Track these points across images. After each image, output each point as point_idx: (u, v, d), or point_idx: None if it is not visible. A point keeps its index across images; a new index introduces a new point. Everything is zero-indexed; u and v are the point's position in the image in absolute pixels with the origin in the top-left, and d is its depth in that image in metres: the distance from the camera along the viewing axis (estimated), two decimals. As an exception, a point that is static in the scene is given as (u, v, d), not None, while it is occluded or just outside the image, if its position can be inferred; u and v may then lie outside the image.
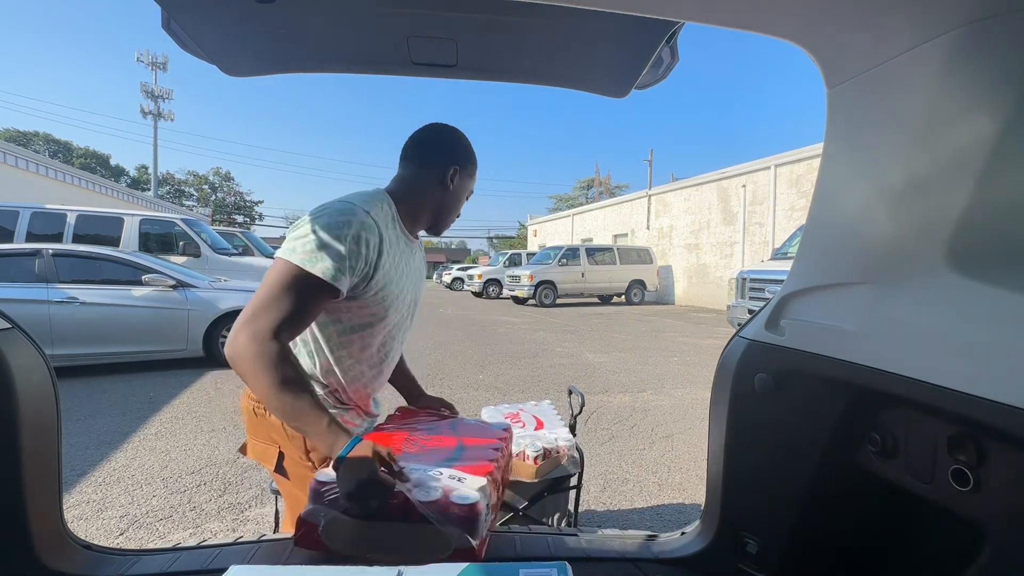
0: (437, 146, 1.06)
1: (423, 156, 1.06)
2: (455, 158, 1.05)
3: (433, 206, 1.08)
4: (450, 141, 1.07)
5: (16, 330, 0.78)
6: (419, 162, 1.05)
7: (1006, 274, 0.60)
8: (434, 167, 1.05)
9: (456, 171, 1.05)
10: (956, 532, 0.66)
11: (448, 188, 1.06)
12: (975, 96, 0.61)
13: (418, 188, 1.05)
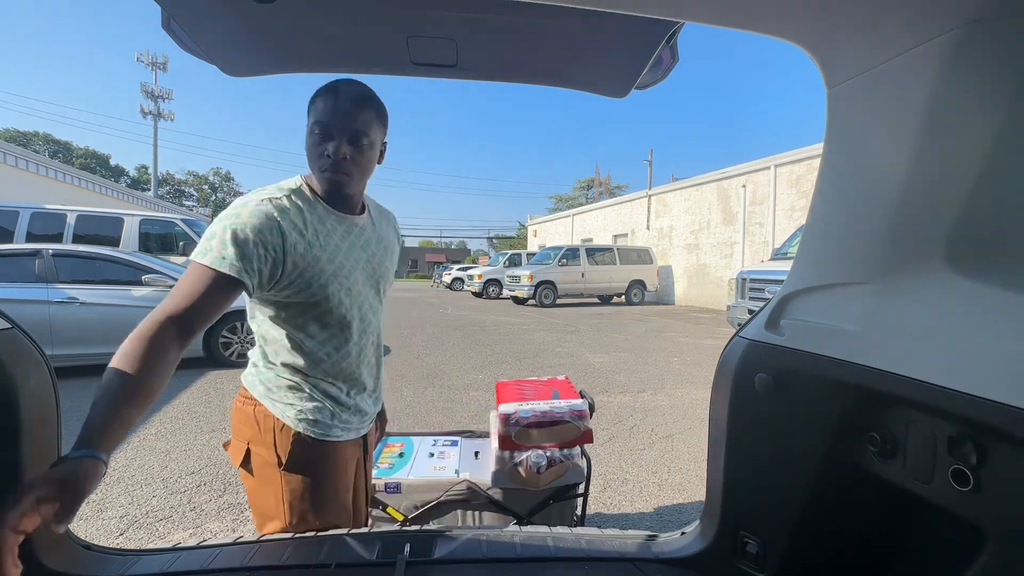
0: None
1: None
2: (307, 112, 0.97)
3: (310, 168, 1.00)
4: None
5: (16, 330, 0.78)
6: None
7: (1006, 274, 0.60)
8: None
9: (308, 114, 0.97)
10: (956, 532, 0.66)
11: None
12: (975, 96, 0.61)
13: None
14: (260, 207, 0.90)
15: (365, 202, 1.10)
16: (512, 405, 1.65)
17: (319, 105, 0.94)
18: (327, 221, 0.99)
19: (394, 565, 0.86)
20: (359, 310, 1.05)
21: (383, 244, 1.12)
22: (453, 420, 3.77)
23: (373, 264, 1.07)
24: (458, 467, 1.70)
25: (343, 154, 0.93)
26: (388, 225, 1.17)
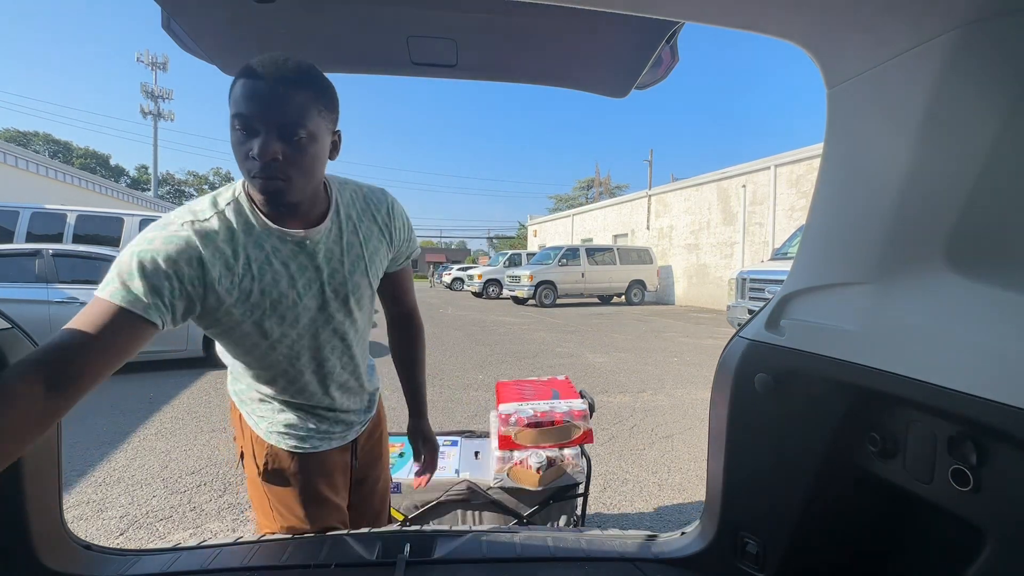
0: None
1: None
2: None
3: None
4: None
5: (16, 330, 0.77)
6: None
7: (1006, 274, 0.60)
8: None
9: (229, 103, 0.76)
10: (956, 532, 0.66)
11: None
12: (975, 96, 0.61)
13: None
14: (178, 233, 0.74)
15: (336, 199, 0.89)
16: (512, 405, 1.65)
17: (237, 91, 0.72)
18: (266, 243, 0.81)
19: (394, 565, 0.86)
20: (313, 340, 0.91)
21: (353, 252, 0.91)
22: (453, 420, 3.77)
23: (336, 282, 0.90)
24: (458, 467, 1.70)
25: (272, 153, 0.72)
26: (368, 222, 0.94)
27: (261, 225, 0.81)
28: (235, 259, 0.79)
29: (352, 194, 0.93)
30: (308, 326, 0.89)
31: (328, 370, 0.96)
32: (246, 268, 0.80)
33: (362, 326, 1.00)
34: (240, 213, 0.81)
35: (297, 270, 0.85)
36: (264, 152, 0.71)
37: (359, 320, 0.98)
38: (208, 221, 0.78)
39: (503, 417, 1.61)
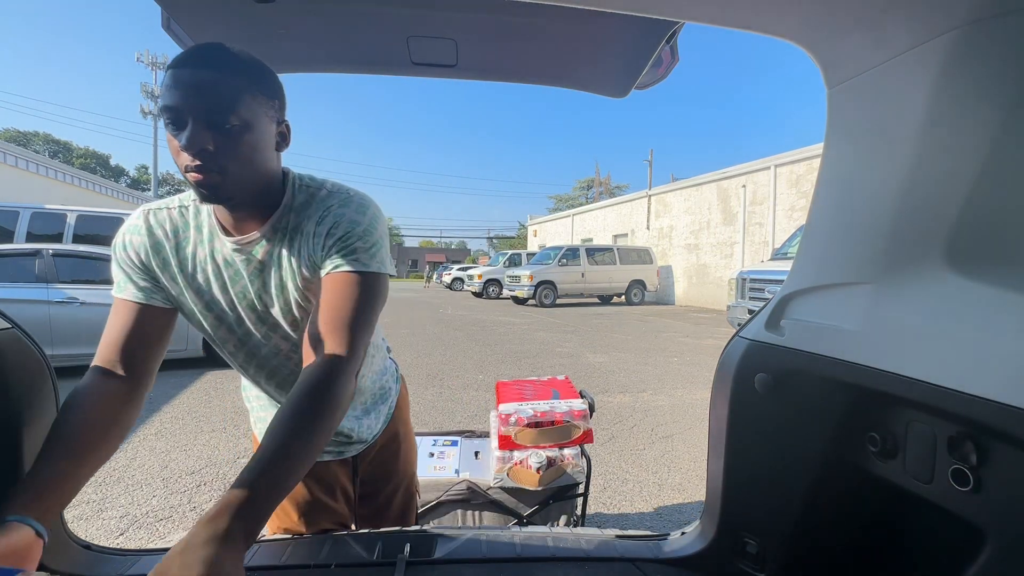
0: None
1: None
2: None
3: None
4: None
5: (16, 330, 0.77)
6: None
7: (1006, 274, 0.60)
8: None
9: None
10: (956, 532, 0.66)
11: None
12: (975, 96, 0.61)
13: None
14: (134, 222, 0.81)
15: (287, 202, 0.80)
16: (512, 405, 1.65)
17: (164, 82, 0.67)
18: (208, 244, 0.80)
19: (394, 565, 0.86)
20: (256, 349, 0.87)
21: (289, 263, 0.80)
22: (453, 420, 3.77)
23: (269, 295, 0.82)
24: (458, 467, 1.70)
25: (201, 143, 0.66)
26: (313, 226, 0.79)
27: (210, 225, 0.81)
28: (175, 253, 0.81)
29: (307, 197, 0.82)
30: (247, 335, 0.86)
31: (283, 380, 0.91)
32: (183, 265, 0.81)
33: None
34: (198, 212, 0.82)
35: (231, 277, 0.81)
36: (192, 143, 0.65)
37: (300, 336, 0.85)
38: (163, 212, 0.82)
39: (503, 417, 1.61)
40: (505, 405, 1.66)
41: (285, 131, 0.78)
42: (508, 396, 1.75)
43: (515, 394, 1.77)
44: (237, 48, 0.72)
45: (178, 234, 0.81)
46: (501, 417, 1.62)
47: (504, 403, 1.68)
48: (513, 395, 1.76)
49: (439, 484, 1.59)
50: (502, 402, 1.70)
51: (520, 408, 1.63)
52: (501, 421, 1.61)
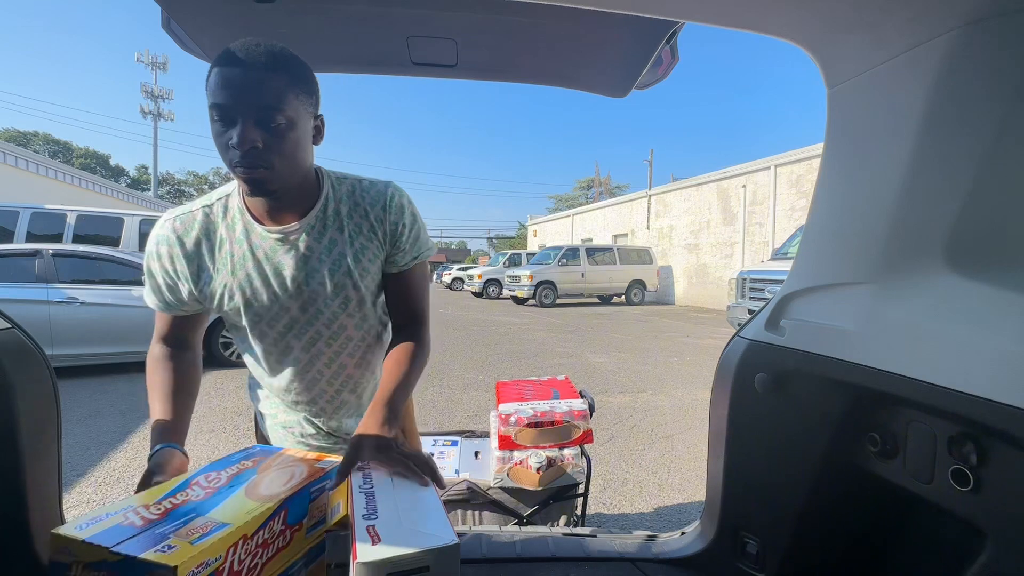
0: None
1: None
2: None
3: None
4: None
5: (16, 330, 0.77)
6: None
7: (1006, 274, 0.60)
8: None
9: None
10: (956, 532, 0.66)
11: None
12: (974, 96, 0.61)
13: None
14: (161, 231, 0.84)
15: (327, 193, 0.86)
16: (512, 405, 1.65)
17: (212, 80, 0.71)
18: (247, 239, 0.83)
19: None
20: (295, 340, 0.89)
21: (335, 251, 0.85)
22: (453, 420, 3.77)
23: (315, 282, 0.85)
24: (458, 467, 1.70)
25: (252, 141, 0.70)
26: (359, 218, 0.87)
27: (244, 221, 0.83)
28: (212, 253, 0.84)
29: (348, 188, 0.88)
30: (288, 326, 0.87)
31: (313, 377, 0.92)
32: (223, 263, 0.83)
33: (355, 333, 0.92)
34: (227, 209, 0.84)
35: (274, 268, 0.83)
36: (243, 140, 0.70)
37: (348, 326, 0.90)
38: (191, 215, 0.84)
39: (503, 417, 1.61)
40: (505, 405, 1.66)
41: (320, 125, 0.82)
42: (508, 396, 1.75)
43: (515, 394, 1.77)
44: (279, 46, 0.74)
45: (211, 237, 0.84)
46: (501, 417, 1.62)
47: (504, 403, 1.68)
48: (513, 395, 1.76)
49: (439, 484, 1.59)
50: (502, 402, 1.70)
51: (520, 408, 1.63)
52: (501, 421, 1.61)
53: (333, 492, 0.72)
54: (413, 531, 0.54)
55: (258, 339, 0.89)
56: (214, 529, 0.53)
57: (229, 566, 0.53)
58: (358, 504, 0.59)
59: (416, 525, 0.56)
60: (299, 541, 0.65)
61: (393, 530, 0.54)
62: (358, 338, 0.93)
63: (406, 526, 0.55)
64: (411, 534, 0.53)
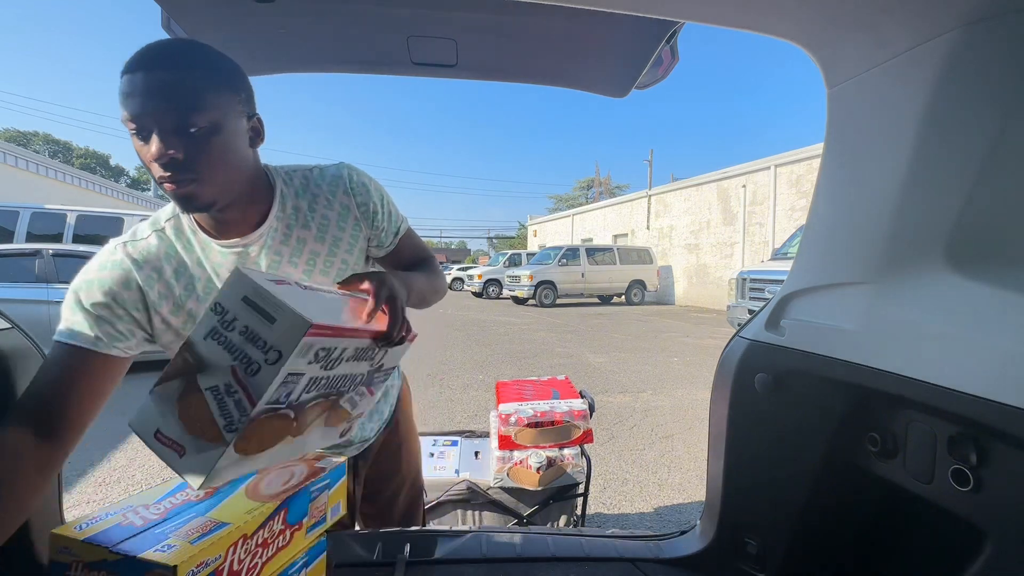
0: None
1: None
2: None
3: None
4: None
5: (16, 330, 0.77)
6: None
7: (1006, 274, 0.60)
8: None
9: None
10: (956, 532, 0.66)
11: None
12: (975, 96, 0.61)
13: None
14: (112, 258, 0.72)
15: (280, 192, 0.79)
16: (512, 405, 1.65)
17: (121, 90, 0.62)
18: (207, 260, 0.76)
19: (394, 565, 0.86)
20: None
21: (306, 248, 0.81)
22: (453, 420, 3.77)
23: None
24: (458, 467, 1.70)
25: (169, 154, 0.62)
26: (324, 208, 0.82)
27: (200, 241, 0.76)
28: (175, 279, 0.75)
29: (302, 181, 0.82)
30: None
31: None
32: (188, 288, 0.75)
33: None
34: (180, 230, 0.76)
35: (218, 280, 0.76)
36: (161, 152, 0.62)
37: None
38: (145, 240, 0.75)
39: (503, 417, 1.61)
40: (505, 405, 1.66)
41: (258, 125, 0.74)
42: (508, 396, 1.75)
43: (515, 394, 1.77)
44: (195, 43, 0.67)
45: (170, 260, 0.75)
46: (501, 417, 1.62)
47: (504, 403, 1.68)
48: (513, 395, 1.76)
49: (439, 484, 1.59)
50: (502, 402, 1.70)
51: (520, 408, 1.63)
52: (501, 421, 1.61)
53: (333, 492, 0.72)
54: (294, 295, 0.52)
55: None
56: (214, 529, 0.53)
57: (229, 566, 0.53)
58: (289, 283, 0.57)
59: (302, 297, 0.53)
60: (299, 541, 0.65)
61: (284, 288, 0.53)
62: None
63: (294, 294, 0.53)
64: (289, 295, 0.51)
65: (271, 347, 0.49)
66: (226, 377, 0.49)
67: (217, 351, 0.50)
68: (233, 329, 0.50)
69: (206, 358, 0.50)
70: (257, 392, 0.48)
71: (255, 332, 0.49)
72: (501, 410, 1.64)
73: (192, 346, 0.51)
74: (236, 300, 0.50)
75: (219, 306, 0.50)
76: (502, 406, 1.66)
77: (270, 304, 0.49)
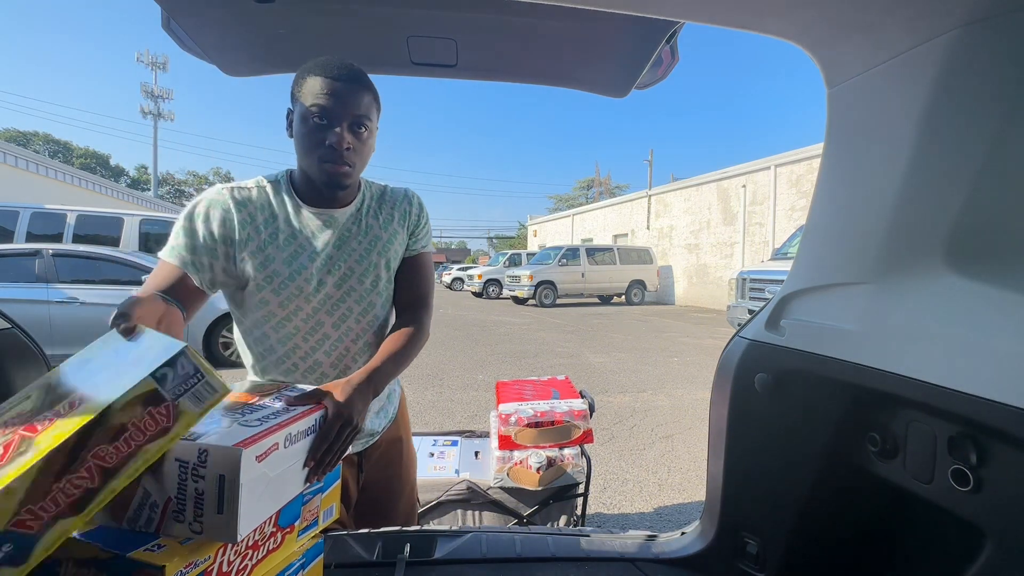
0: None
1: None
2: (291, 96, 0.89)
3: (298, 157, 0.91)
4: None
5: (16, 330, 0.78)
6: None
7: (1006, 274, 0.60)
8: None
9: (290, 111, 0.90)
10: (956, 532, 0.66)
11: (290, 134, 0.90)
12: (975, 96, 0.61)
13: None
14: (218, 196, 0.88)
15: (363, 189, 1.01)
16: (512, 405, 1.65)
17: (315, 86, 0.83)
18: (295, 219, 0.92)
19: (394, 565, 0.86)
20: (327, 316, 0.94)
21: (371, 234, 0.98)
22: (453, 420, 3.77)
23: (351, 260, 0.95)
24: (458, 467, 1.70)
25: (347, 143, 0.85)
26: (388, 209, 1.02)
27: (294, 203, 0.93)
28: (265, 226, 0.90)
29: (379, 190, 1.04)
30: (322, 302, 0.94)
31: (340, 354, 0.97)
32: (272, 237, 0.90)
33: (380, 312, 1.01)
34: (278, 190, 0.93)
35: (318, 247, 0.92)
36: (341, 140, 0.84)
37: (376, 304, 1.00)
38: (248, 190, 0.91)
39: (503, 417, 1.61)
40: (505, 405, 1.66)
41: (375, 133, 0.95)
42: (508, 396, 1.75)
43: (515, 394, 1.77)
44: (362, 68, 0.89)
45: (265, 209, 0.91)
46: (501, 417, 1.62)
47: (504, 403, 1.68)
48: (513, 395, 1.76)
49: (439, 484, 1.59)
50: (502, 402, 1.70)
51: (520, 408, 1.63)
52: (501, 421, 1.61)
53: (326, 495, 0.72)
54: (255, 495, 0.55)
55: (291, 317, 0.92)
56: None
57: (218, 567, 0.53)
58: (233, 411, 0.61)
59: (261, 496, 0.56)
60: (291, 543, 0.65)
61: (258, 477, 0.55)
62: (383, 316, 1.03)
63: (258, 490, 0.55)
64: (253, 493, 0.54)
65: (201, 525, 0.52)
66: (161, 497, 0.53)
67: (172, 475, 0.52)
68: (196, 480, 0.52)
69: (164, 470, 0.53)
70: (165, 533, 0.52)
71: (201, 504, 0.52)
72: (501, 410, 1.64)
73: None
74: (217, 469, 0.52)
75: (204, 455, 0.52)
76: (502, 406, 1.66)
77: (230, 503, 0.52)
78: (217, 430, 0.56)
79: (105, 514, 0.53)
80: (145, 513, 0.53)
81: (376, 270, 0.98)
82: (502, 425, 1.60)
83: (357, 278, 0.96)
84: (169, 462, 0.53)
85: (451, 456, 1.77)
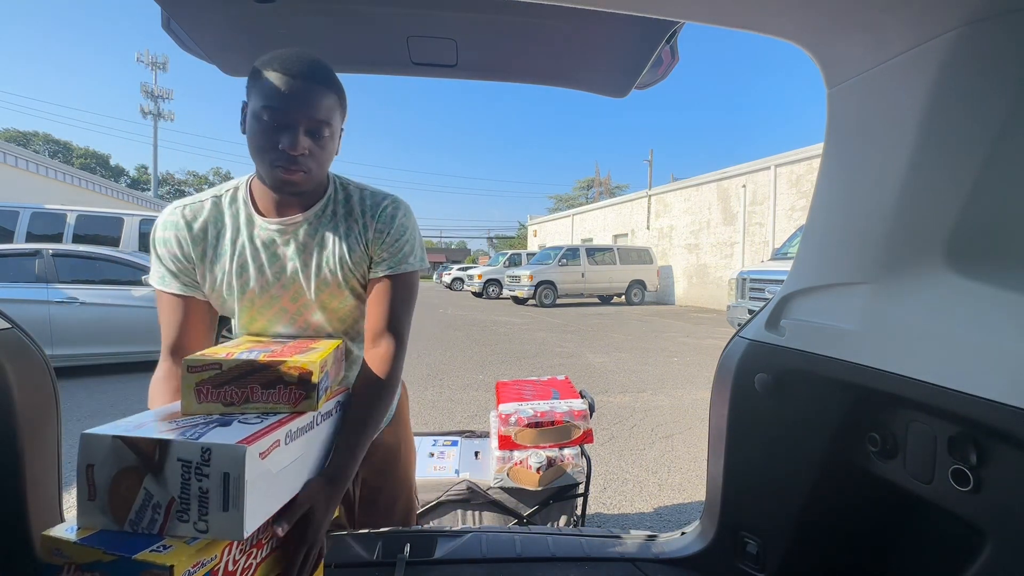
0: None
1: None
2: (246, 88, 0.80)
3: (251, 156, 0.82)
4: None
5: (16, 330, 0.78)
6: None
7: (1006, 274, 0.60)
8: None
9: (245, 104, 0.80)
10: (956, 532, 0.66)
11: (243, 130, 0.81)
12: (975, 96, 0.61)
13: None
14: (170, 217, 0.87)
15: (329, 195, 0.90)
16: (512, 405, 1.65)
17: (268, 84, 0.74)
18: (248, 229, 0.87)
19: (394, 565, 0.86)
20: (281, 328, 0.91)
21: (326, 248, 0.88)
22: (453, 420, 3.77)
23: (304, 275, 0.88)
24: (458, 467, 1.70)
25: (303, 149, 0.76)
26: (350, 221, 0.90)
27: (247, 212, 0.87)
28: (217, 240, 0.87)
29: (351, 192, 0.92)
30: (277, 315, 0.91)
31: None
32: (226, 249, 0.87)
33: (338, 327, 0.94)
34: (234, 201, 0.88)
35: (269, 258, 0.87)
36: (295, 146, 0.76)
37: (333, 321, 0.93)
38: (200, 204, 0.88)
39: (503, 417, 1.61)
40: (505, 405, 1.66)
41: (340, 135, 0.88)
42: (508, 396, 1.75)
43: (515, 394, 1.77)
44: (326, 63, 0.80)
45: (217, 224, 0.88)
46: (501, 417, 1.62)
47: (504, 403, 1.68)
48: (513, 395, 1.76)
49: (439, 484, 1.59)
50: (502, 402, 1.70)
51: (520, 408, 1.63)
52: (501, 421, 1.61)
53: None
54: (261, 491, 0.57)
55: (246, 327, 0.92)
56: None
57: (224, 566, 0.53)
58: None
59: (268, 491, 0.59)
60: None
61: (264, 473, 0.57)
62: (349, 330, 0.97)
63: (264, 485, 0.57)
64: (258, 488, 0.56)
65: (207, 524, 0.52)
66: (164, 498, 0.53)
67: (175, 475, 0.53)
68: (200, 479, 0.53)
69: (166, 471, 0.53)
70: (169, 533, 0.53)
71: (206, 503, 0.53)
72: (501, 410, 1.64)
73: (167, 449, 0.53)
74: (221, 467, 0.53)
75: (208, 453, 0.53)
76: (502, 406, 1.66)
77: (236, 501, 0.52)
78: (216, 429, 0.56)
79: (106, 517, 0.54)
80: (148, 515, 0.53)
81: (328, 287, 0.89)
82: (502, 425, 1.60)
83: (312, 292, 0.89)
84: (171, 462, 0.53)
85: (451, 456, 1.77)
